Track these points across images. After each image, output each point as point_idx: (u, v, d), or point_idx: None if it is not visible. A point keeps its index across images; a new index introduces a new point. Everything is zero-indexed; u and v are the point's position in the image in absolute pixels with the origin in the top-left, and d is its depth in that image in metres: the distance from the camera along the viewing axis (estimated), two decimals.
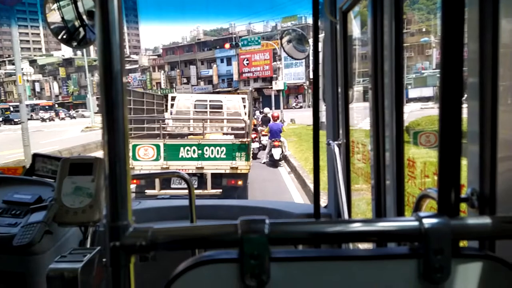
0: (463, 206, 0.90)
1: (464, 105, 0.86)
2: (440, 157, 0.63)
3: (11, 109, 42.23)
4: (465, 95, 0.88)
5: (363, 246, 1.52)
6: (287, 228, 0.58)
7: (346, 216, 2.00)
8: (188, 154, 7.27)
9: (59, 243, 1.84)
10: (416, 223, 0.55)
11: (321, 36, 2.30)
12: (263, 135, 13.13)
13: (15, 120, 34.07)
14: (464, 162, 0.80)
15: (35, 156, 2.15)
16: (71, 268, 1.31)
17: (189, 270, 0.56)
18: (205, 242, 0.58)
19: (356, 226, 0.58)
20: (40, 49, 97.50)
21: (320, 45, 2.25)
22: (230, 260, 0.55)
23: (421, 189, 1.58)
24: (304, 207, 2.53)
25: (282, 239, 0.57)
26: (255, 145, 12.14)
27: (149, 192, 7.04)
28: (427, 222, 0.55)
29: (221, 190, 7.24)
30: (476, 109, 0.85)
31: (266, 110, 15.80)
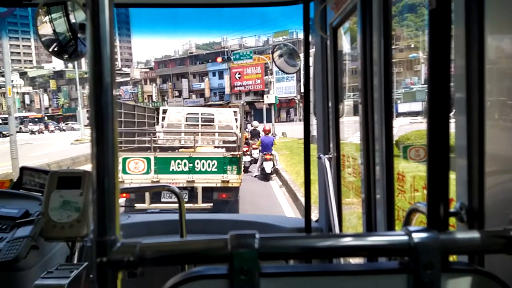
0: (453, 220, 0.91)
1: (452, 120, 0.87)
2: (428, 172, 0.63)
3: (0, 121, 41.74)
4: (453, 110, 0.90)
5: (354, 260, 1.51)
6: (278, 243, 0.58)
7: (337, 230, 2.00)
8: (179, 167, 7.22)
9: (46, 259, 1.80)
10: (405, 238, 0.55)
11: (312, 51, 2.33)
12: (254, 148, 13.14)
13: (3, 132, 33.59)
14: (453, 176, 0.81)
15: (23, 169, 2.12)
16: (57, 284, 1.28)
17: (178, 286, 0.55)
18: (194, 258, 0.57)
19: (347, 241, 0.58)
20: (31, 61, 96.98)
21: (311, 60, 2.28)
22: (219, 276, 0.55)
23: (411, 203, 1.59)
24: (295, 221, 2.52)
25: (273, 254, 0.56)
26: (246, 158, 12.13)
27: (138, 206, 6.96)
28: (417, 236, 0.55)
29: (212, 204, 7.19)
30: (464, 123, 0.86)
31: (255, 123, 15.84)
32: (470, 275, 0.57)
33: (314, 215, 2.66)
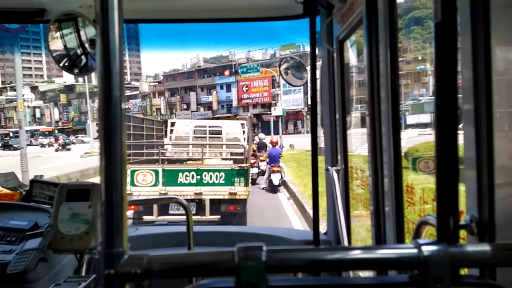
0: (463, 233, 0.89)
1: (460, 132, 0.87)
2: (438, 184, 0.63)
3: (11, 134, 42.31)
4: (461, 122, 0.89)
5: (363, 273, 1.49)
6: (285, 256, 0.57)
7: (346, 242, 1.98)
8: (186, 179, 7.24)
9: (54, 271, 1.80)
10: (415, 251, 0.54)
11: (319, 64, 2.34)
12: (262, 161, 13.13)
13: (14, 145, 34.06)
14: (462, 188, 0.80)
15: (33, 181, 2.14)
16: None
17: None
18: (202, 270, 0.57)
19: (356, 254, 0.57)
20: (42, 75, 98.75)
21: (318, 72, 2.29)
22: None
23: (421, 216, 1.57)
24: (303, 234, 2.50)
25: (280, 266, 0.56)
26: (254, 170, 12.12)
27: (146, 218, 6.96)
28: (426, 249, 0.54)
29: (219, 216, 7.17)
30: (472, 135, 0.86)
31: (261, 135, 15.92)
32: None
33: (323, 227, 2.64)
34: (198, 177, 7.21)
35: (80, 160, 23.93)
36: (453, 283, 0.54)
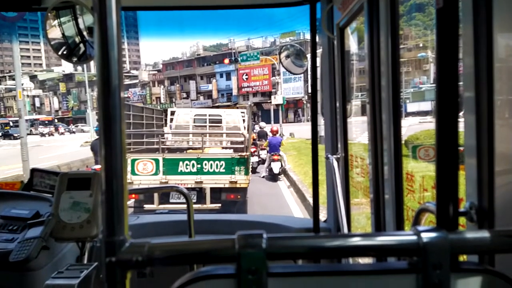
0: (463, 220, 0.90)
1: (461, 119, 0.87)
2: (437, 171, 0.63)
3: (11, 124, 42.29)
4: (462, 110, 0.89)
5: (363, 260, 1.50)
6: (285, 243, 0.58)
7: (345, 230, 1.99)
8: (187, 168, 7.26)
9: (56, 259, 1.82)
10: (414, 237, 0.55)
11: (319, 51, 2.32)
12: (262, 149, 13.15)
13: (14, 135, 34.07)
14: (462, 175, 0.80)
15: (34, 171, 2.15)
16: (68, 284, 1.30)
17: (186, 286, 0.55)
18: (202, 257, 0.57)
19: (355, 241, 0.58)
20: (40, 64, 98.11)
21: (318, 60, 2.27)
22: (227, 275, 0.55)
23: (421, 203, 1.57)
24: (303, 222, 2.52)
25: (280, 253, 0.56)
26: (254, 159, 12.13)
27: (147, 206, 7.01)
28: (426, 236, 0.54)
29: (220, 205, 7.21)
30: (473, 123, 0.86)
31: (262, 124, 15.93)
32: (480, 275, 0.56)
33: (323, 215, 2.65)
34: (199, 166, 7.23)
35: (81, 149, 23.94)
36: (452, 269, 0.54)
